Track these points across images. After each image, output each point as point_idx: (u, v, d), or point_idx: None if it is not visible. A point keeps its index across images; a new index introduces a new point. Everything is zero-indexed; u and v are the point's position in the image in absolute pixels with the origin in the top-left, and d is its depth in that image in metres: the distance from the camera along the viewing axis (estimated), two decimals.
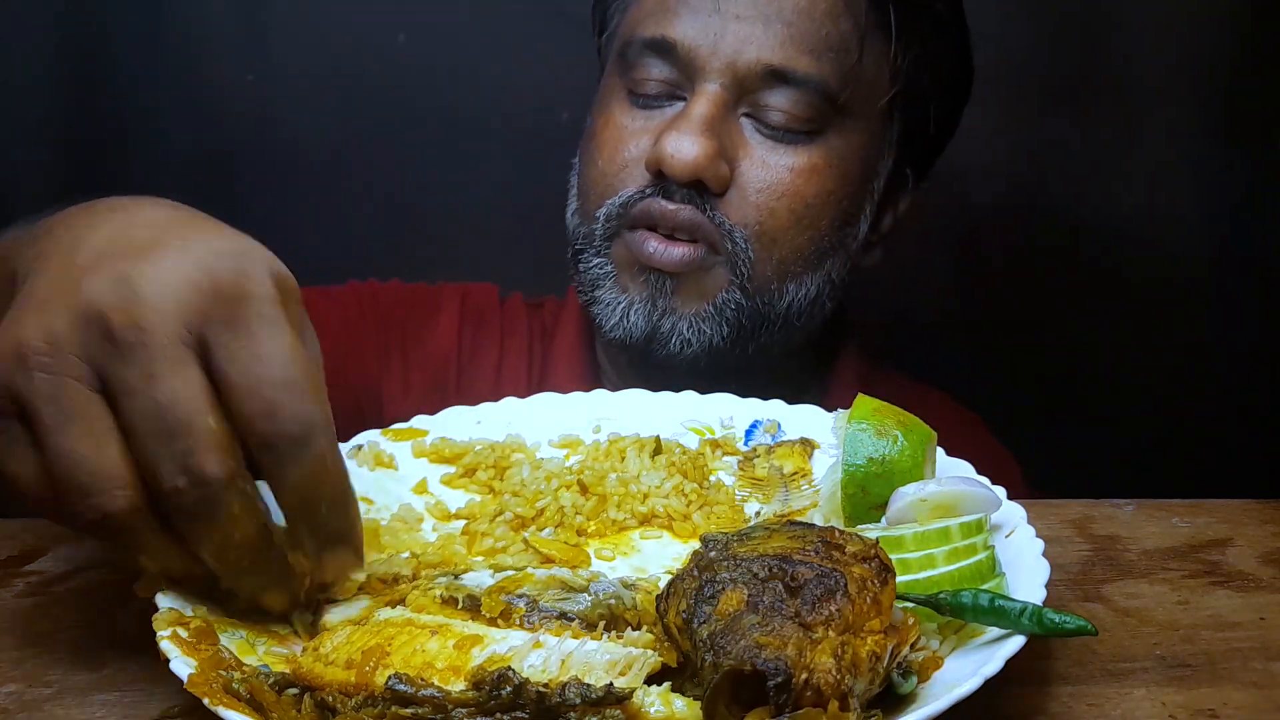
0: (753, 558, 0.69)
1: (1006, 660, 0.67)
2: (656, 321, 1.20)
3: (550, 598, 0.76)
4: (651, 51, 1.20)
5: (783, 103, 1.18)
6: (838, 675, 0.63)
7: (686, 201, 1.17)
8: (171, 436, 0.66)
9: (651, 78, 1.21)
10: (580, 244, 1.25)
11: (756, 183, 1.19)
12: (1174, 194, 1.80)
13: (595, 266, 1.23)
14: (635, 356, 1.23)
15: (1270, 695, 0.74)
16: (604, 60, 1.32)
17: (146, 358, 0.66)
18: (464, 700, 0.65)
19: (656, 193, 1.18)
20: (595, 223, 1.22)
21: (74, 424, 0.66)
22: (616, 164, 1.22)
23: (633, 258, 1.20)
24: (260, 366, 0.67)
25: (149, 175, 1.80)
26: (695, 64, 1.18)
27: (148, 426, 0.66)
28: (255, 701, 0.67)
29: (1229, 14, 1.75)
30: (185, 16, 1.79)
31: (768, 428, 1.06)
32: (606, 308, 1.22)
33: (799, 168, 1.19)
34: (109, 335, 0.66)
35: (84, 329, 0.66)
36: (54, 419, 0.66)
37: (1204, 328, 1.81)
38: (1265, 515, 1.00)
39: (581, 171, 1.27)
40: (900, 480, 0.85)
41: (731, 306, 1.20)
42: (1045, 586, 0.74)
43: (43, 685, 0.77)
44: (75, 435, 0.66)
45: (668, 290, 1.20)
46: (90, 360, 0.66)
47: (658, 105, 1.22)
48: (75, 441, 0.66)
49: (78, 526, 0.68)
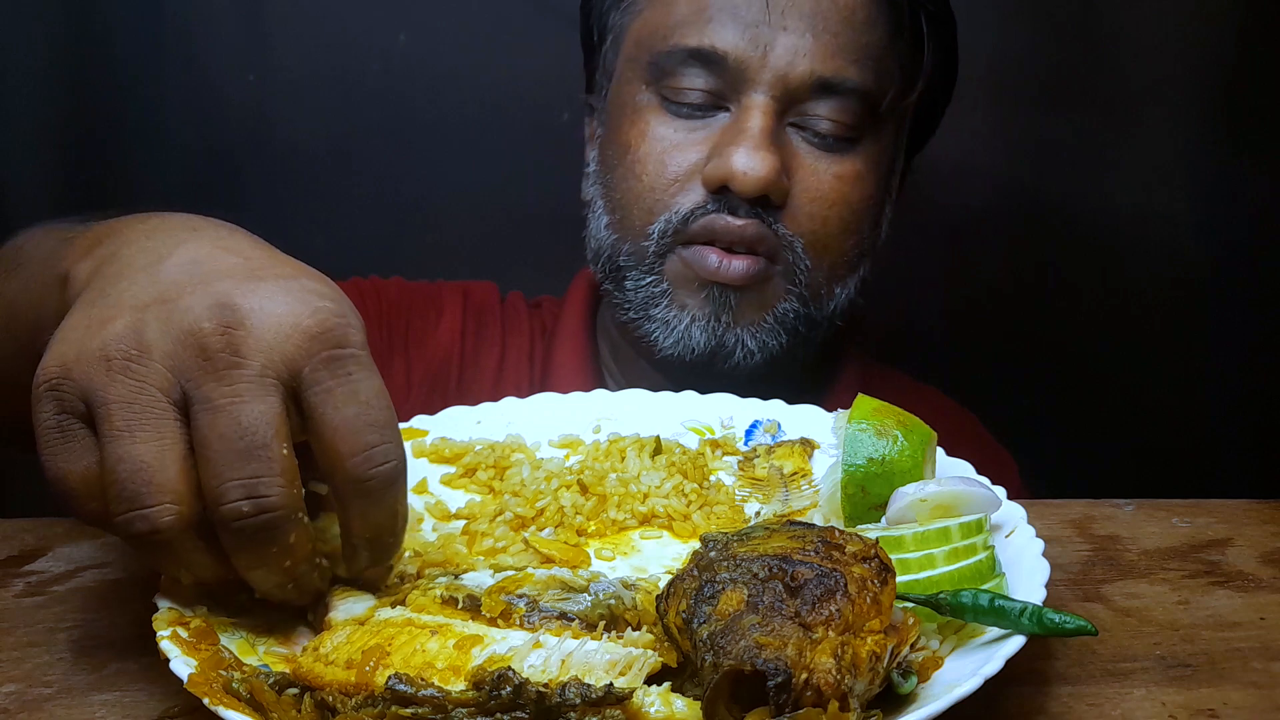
0: (753, 558, 0.69)
1: (1006, 660, 0.67)
2: (721, 336, 1.20)
3: (550, 598, 0.76)
4: (695, 61, 1.19)
5: (829, 112, 1.19)
6: (838, 675, 0.63)
7: (751, 217, 1.17)
8: (246, 458, 0.67)
9: (693, 88, 1.20)
10: (626, 261, 1.23)
11: (810, 192, 1.19)
12: (1173, 194, 1.80)
13: (649, 285, 1.22)
14: (693, 369, 1.21)
15: (1270, 695, 0.74)
16: (609, 65, 1.30)
17: (237, 380, 0.67)
18: (464, 700, 0.65)
19: (720, 208, 1.18)
20: (646, 240, 1.21)
21: (144, 430, 0.67)
22: (666, 179, 1.20)
23: (691, 273, 1.20)
24: (357, 408, 0.69)
25: (149, 174, 1.80)
26: (745, 75, 1.18)
27: (223, 445, 0.67)
28: (255, 701, 0.67)
29: (1227, 14, 1.75)
30: (185, 16, 1.79)
31: (768, 428, 1.06)
32: (663, 326, 1.21)
33: (845, 175, 1.21)
34: (204, 354, 0.68)
35: (178, 343, 0.68)
36: (125, 423, 0.67)
37: (1204, 328, 1.81)
38: (1265, 515, 1.00)
39: (618, 185, 1.25)
40: (900, 480, 0.85)
41: (791, 315, 1.21)
42: (1045, 586, 0.74)
43: (43, 685, 0.77)
44: (142, 441, 0.67)
45: (730, 304, 1.20)
46: (176, 373, 0.68)
47: (700, 116, 1.21)
48: (141, 448, 0.67)
49: (119, 534, 0.68)
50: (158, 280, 0.71)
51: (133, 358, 0.68)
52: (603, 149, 1.29)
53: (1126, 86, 1.78)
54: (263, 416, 0.67)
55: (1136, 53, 1.77)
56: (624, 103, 1.26)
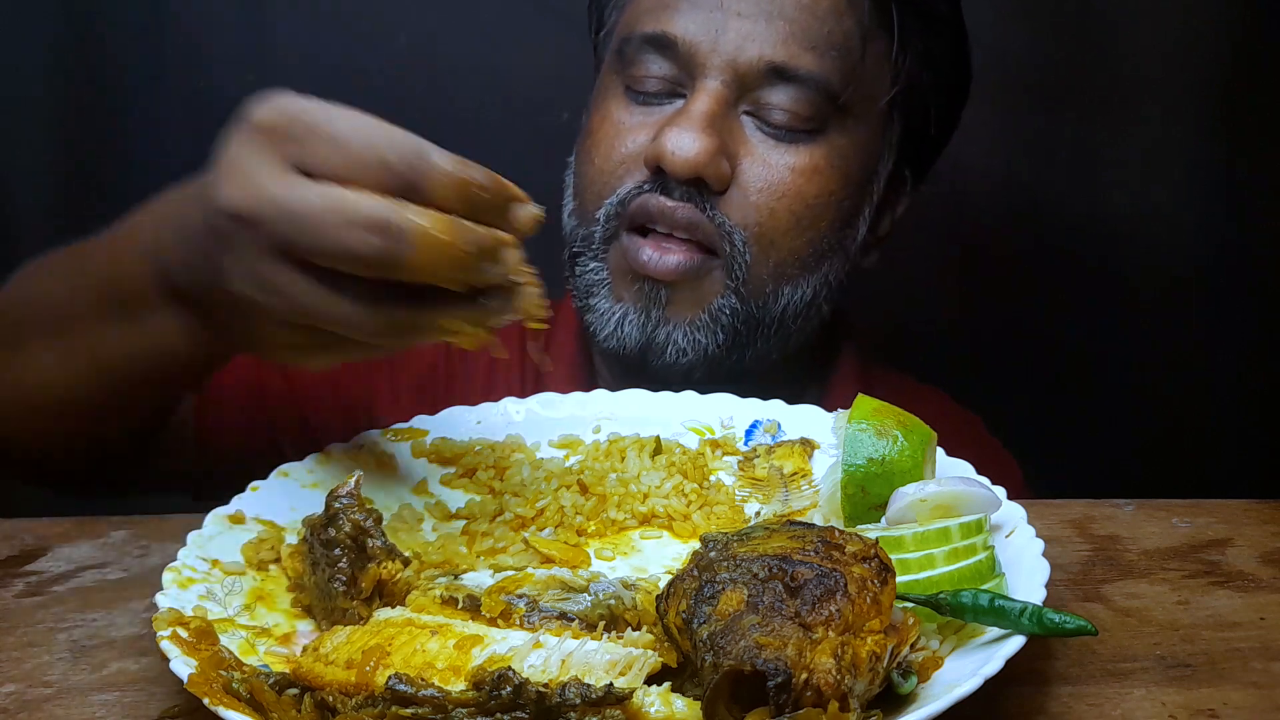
0: (752, 558, 0.69)
1: (1006, 660, 0.67)
2: (651, 332, 1.17)
3: (550, 598, 0.76)
4: (651, 47, 1.19)
5: (784, 100, 1.17)
6: (838, 675, 0.63)
7: (686, 200, 1.15)
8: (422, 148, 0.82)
9: (651, 74, 1.19)
10: (578, 246, 1.23)
11: (757, 182, 1.17)
12: (1173, 194, 1.80)
13: (591, 272, 1.21)
14: (630, 366, 1.20)
15: (1270, 695, 0.74)
16: (600, 58, 1.30)
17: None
18: (464, 700, 0.65)
19: (655, 189, 1.16)
20: (594, 224, 1.20)
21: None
22: (614, 161, 1.20)
23: (627, 265, 1.18)
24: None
25: (149, 175, 1.79)
26: (696, 60, 1.17)
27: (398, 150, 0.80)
28: (255, 701, 0.68)
29: (1227, 14, 1.75)
30: (185, 16, 1.79)
31: (767, 428, 1.06)
32: (601, 316, 1.20)
33: (800, 167, 1.18)
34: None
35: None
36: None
37: (1203, 328, 1.81)
38: (1265, 515, 1.00)
39: (577, 170, 1.25)
40: (900, 480, 0.85)
41: (727, 313, 1.18)
42: (1045, 586, 0.74)
43: (43, 685, 0.77)
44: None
45: (662, 300, 1.17)
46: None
47: (657, 102, 1.20)
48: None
49: (357, 248, 0.76)
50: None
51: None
52: (578, 137, 1.29)
53: (1128, 87, 1.78)
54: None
55: (1136, 52, 1.77)
56: (598, 91, 1.26)
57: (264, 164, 0.80)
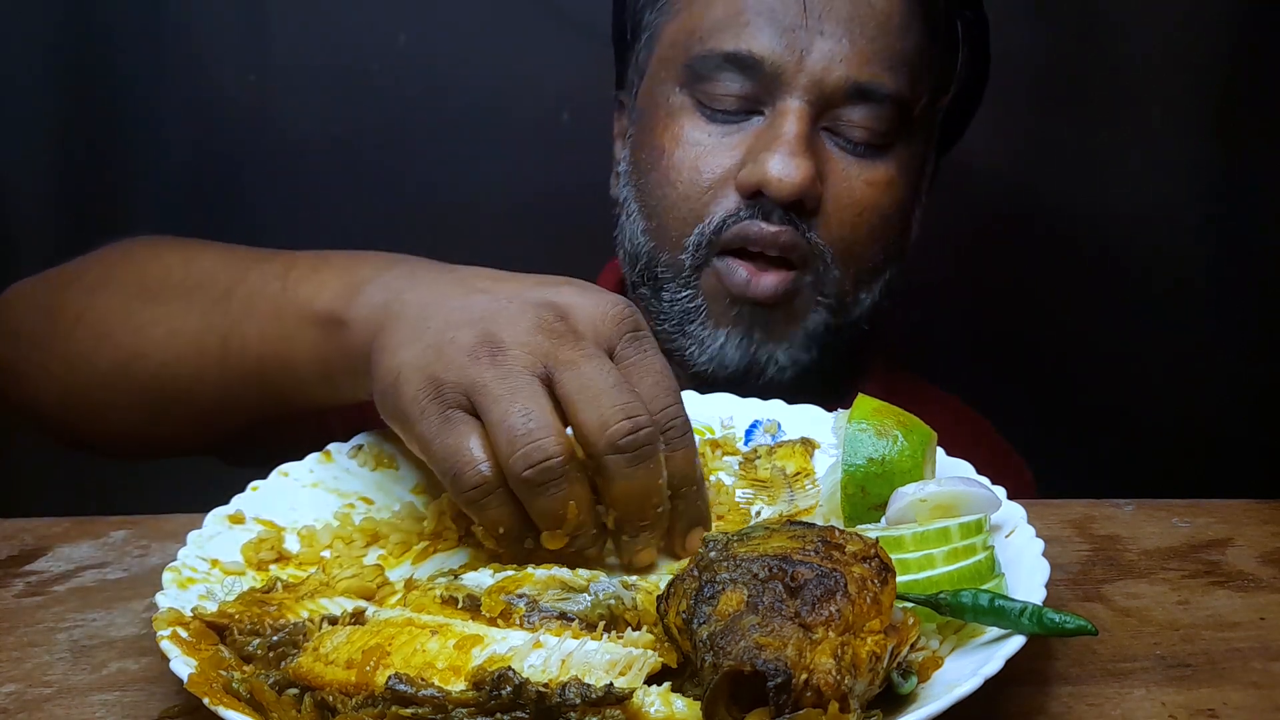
0: (752, 558, 0.69)
1: (1006, 660, 0.67)
2: (754, 354, 1.19)
3: (550, 598, 0.76)
4: (731, 65, 1.18)
5: (863, 118, 1.17)
6: (838, 676, 0.62)
7: (785, 223, 1.16)
8: (618, 391, 0.80)
9: (728, 92, 1.18)
10: (664, 273, 1.22)
11: (842, 199, 1.18)
12: (1174, 194, 1.80)
13: (684, 299, 1.20)
14: (714, 384, 1.19)
15: (1270, 695, 0.74)
16: (641, 64, 1.28)
17: (583, 346, 0.81)
18: (464, 700, 0.65)
19: (753, 215, 1.16)
20: (683, 251, 1.19)
21: (524, 392, 0.79)
22: (700, 185, 1.19)
23: (723, 289, 1.18)
24: (655, 377, 0.84)
25: (150, 174, 1.80)
26: (781, 80, 1.16)
27: (596, 387, 0.79)
28: (255, 701, 0.67)
29: (1227, 14, 1.75)
30: (186, 16, 1.79)
31: (767, 428, 1.06)
32: (699, 344, 1.20)
33: (878, 181, 1.19)
34: (552, 334, 0.81)
35: (527, 334, 0.81)
36: (507, 389, 0.79)
37: (1204, 327, 1.81)
38: (1265, 515, 1.00)
39: (652, 190, 1.23)
40: (900, 480, 0.85)
41: (821, 327, 1.20)
42: (1045, 586, 0.74)
43: (43, 685, 0.77)
44: (525, 398, 0.79)
45: (762, 321, 1.18)
46: (533, 354, 0.80)
47: (735, 120, 1.19)
48: (527, 401, 0.78)
49: (513, 473, 0.78)
50: (469, 300, 0.84)
51: (495, 351, 0.80)
52: (635, 150, 1.27)
53: (1129, 88, 1.78)
54: (611, 368, 0.81)
55: (1138, 53, 1.77)
56: (657, 104, 1.24)
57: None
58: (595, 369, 0.80)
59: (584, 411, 0.79)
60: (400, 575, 0.86)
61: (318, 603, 0.79)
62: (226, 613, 0.76)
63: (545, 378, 0.80)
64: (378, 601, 0.81)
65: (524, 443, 0.77)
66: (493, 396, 0.79)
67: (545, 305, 0.83)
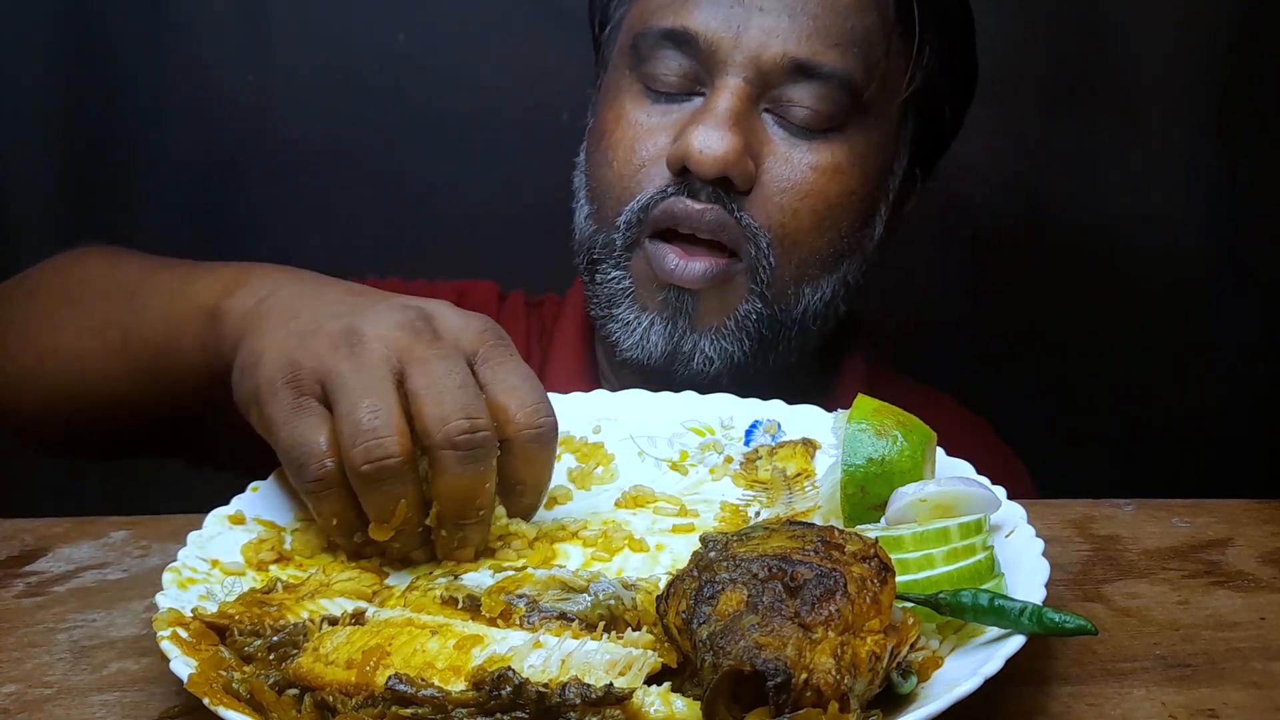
0: (752, 558, 0.69)
1: (1007, 660, 0.67)
2: (677, 342, 1.16)
3: (550, 598, 0.76)
4: (669, 43, 1.16)
5: (806, 98, 1.15)
6: (837, 675, 0.62)
7: (712, 201, 1.13)
8: (463, 392, 0.82)
9: (668, 71, 1.17)
10: (598, 253, 1.20)
11: (780, 181, 1.15)
12: (1174, 194, 1.80)
13: (613, 281, 1.18)
14: (649, 376, 1.17)
15: (1270, 695, 0.74)
16: (606, 55, 1.28)
17: (440, 346, 0.84)
18: (464, 700, 0.65)
19: (680, 192, 1.14)
20: (615, 231, 1.18)
21: (376, 388, 0.81)
22: (634, 163, 1.17)
23: (651, 273, 1.16)
24: (520, 379, 0.85)
25: (150, 174, 1.80)
26: (717, 56, 1.14)
27: (442, 386, 0.81)
28: (255, 702, 0.67)
29: (1227, 15, 1.75)
30: (186, 17, 1.79)
31: (768, 428, 1.05)
32: (624, 327, 1.18)
33: (822, 165, 1.16)
34: (412, 332, 0.84)
35: (388, 329, 0.83)
36: (359, 384, 0.81)
37: (1204, 328, 1.81)
38: (1265, 515, 1.00)
39: (593, 173, 1.22)
40: (900, 481, 0.85)
41: (753, 318, 1.16)
42: (1045, 586, 0.74)
43: (43, 685, 0.77)
44: (376, 394, 0.80)
45: (688, 309, 1.15)
46: (391, 348, 0.83)
47: (675, 100, 1.17)
48: (376, 398, 0.80)
49: (353, 465, 0.80)
50: (342, 301, 0.88)
51: (354, 343, 0.82)
52: (589, 138, 1.26)
53: (1129, 88, 1.78)
54: (463, 369, 0.83)
55: (1138, 54, 1.77)
56: (608, 89, 1.24)
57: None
58: (445, 368, 0.82)
59: (427, 406, 0.81)
60: (398, 580, 0.86)
61: (318, 603, 0.79)
62: (227, 613, 0.76)
63: (398, 373, 0.82)
64: (378, 602, 0.81)
65: (367, 438, 0.79)
66: (345, 389, 0.81)
67: (413, 308, 0.86)
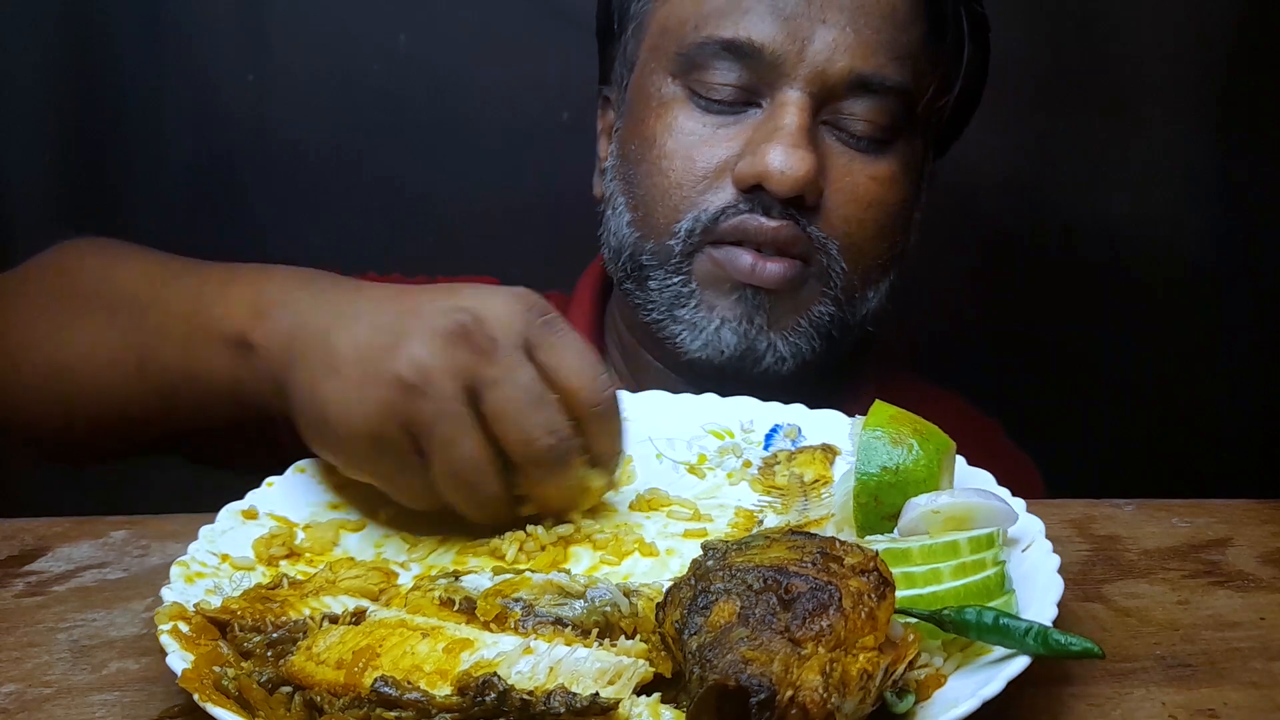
0: (748, 568, 0.67)
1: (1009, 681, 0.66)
2: (752, 339, 1.16)
3: (546, 603, 0.75)
4: (729, 53, 1.15)
5: (865, 111, 1.15)
6: (824, 694, 0.60)
7: (784, 217, 1.13)
8: (538, 408, 0.84)
9: (724, 81, 1.15)
10: (649, 261, 1.19)
11: (845, 194, 1.15)
12: (1174, 195, 1.80)
13: (676, 285, 1.17)
14: (708, 374, 1.17)
15: (1270, 695, 0.74)
16: (631, 55, 1.25)
17: (501, 356, 0.84)
18: (448, 705, 0.64)
19: (753, 208, 1.13)
20: (672, 238, 1.17)
21: (463, 436, 0.84)
22: (694, 174, 1.16)
23: (723, 274, 1.15)
24: (575, 353, 0.87)
25: (149, 174, 1.80)
26: (780, 70, 1.13)
27: (517, 406, 0.84)
28: (244, 699, 0.67)
29: (1227, 15, 1.75)
30: (185, 17, 1.78)
31: (788, 432, 1.04)
32: (690, 328, 1.17)
33: (881, 176, 1.17)
34: (470, 345, 0.84)
35: (446, 351, 0.83)
36: (445, 436, 0.84)
37: (1204, 328, 1.81)
38: (1265, 515, 1.00)
39: (640, 181, 1.20)
40: (915, 490, 0.83)
41: (825, 319, 1.17)
42: (1057, 605, 0.73)
43: (43, 685, 0.77)
44: (466, 442, 0.84)
45: (764, 307, 1.15)
46: (458, 374, 0.83)
47: (730, 111, 1.16)
48: (467, 450, 0.84)
49: (461, 507, 0.87)
50: (375, 326, 0.86)
51: (425, 381, 0.83)
52: (623, 143, 1.24)
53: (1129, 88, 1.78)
54: (532, 376, 0.84)
55: (1137, 55, 1.77)
56: (647, 95, 1.21)
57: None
58: (515, 385, 0.84)
59: (510, 430, 0.84)
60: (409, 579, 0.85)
61: (321, 600, 0.79)
62: (229, 608, 0.76)
63: (472, 395, 0.84)
64: (384, 601, 0.81)
65: (468, 491, 0.85)
66: (434, 443, 0.84)
67: (455, 311, 0.85)
